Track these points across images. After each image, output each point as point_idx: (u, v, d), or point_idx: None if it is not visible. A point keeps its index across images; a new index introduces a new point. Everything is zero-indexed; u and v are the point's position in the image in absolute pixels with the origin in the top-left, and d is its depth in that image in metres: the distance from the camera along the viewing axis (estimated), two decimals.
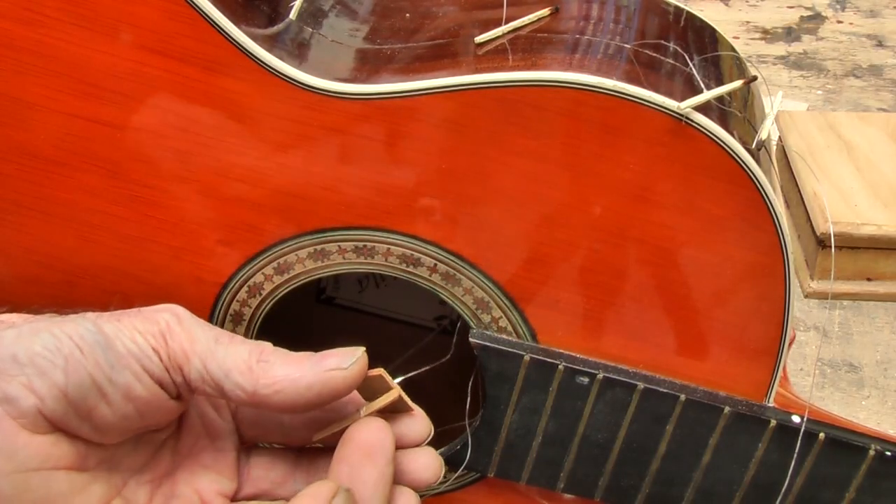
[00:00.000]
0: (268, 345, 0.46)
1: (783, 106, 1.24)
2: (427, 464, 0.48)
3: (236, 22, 0.48)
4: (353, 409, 0.47)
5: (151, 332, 0.44)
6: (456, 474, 0.58)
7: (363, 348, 0.45)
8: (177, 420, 0.48)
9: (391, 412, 0.46)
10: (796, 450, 0.54)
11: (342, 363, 0.45)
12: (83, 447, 0.44)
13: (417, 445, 0.48)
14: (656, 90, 0.48)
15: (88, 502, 0.44)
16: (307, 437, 0.49)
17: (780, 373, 0.54)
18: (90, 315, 0.44)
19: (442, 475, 0.48)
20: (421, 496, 0.58)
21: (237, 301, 0.54)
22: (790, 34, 1.40)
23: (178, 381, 0.45)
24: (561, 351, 0.54)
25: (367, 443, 0.45)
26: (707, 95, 0.48)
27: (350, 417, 0.46)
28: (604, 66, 0.49)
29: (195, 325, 0.45)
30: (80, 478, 0.44)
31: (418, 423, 0.48)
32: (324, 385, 0.44)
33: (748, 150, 0.49)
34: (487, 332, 0.54)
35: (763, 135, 0.51)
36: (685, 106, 0.47)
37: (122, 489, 0.46)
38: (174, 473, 0.48)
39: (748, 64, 0.57)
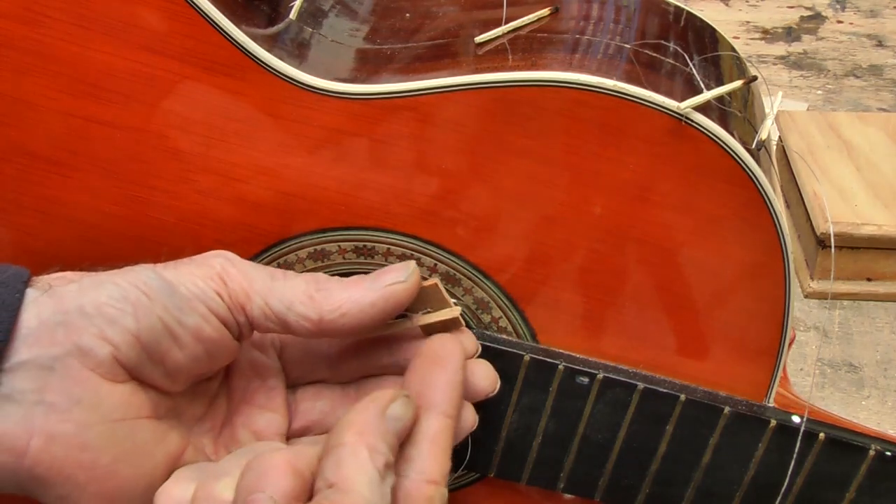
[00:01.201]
0: (321, 275, 0.47)
1: (783, 106, 1.24)
2: (485, 373, 0.50)
3: (236, 22, 0.48)
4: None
5: (210, 276, 0.45)
6: (456, 474, 0.58)
7: (413, 262, 0.48)
8: (225, 369, 0.49)
9: (442, 329, 0.49)
10: (796, 450, 0.54)
11: (399, 277, 0.46)
12: (155, 396, 0.45)
13: (472, 358, 0.50)
14: (656, 90, 0.48)
15: (168, 451, 0.45)
16: (355, 370, 0.50)
17: (780, 373, 0.54)
18: (148, 265, 0.45)
19: (499, 386, 0.51)
20: None
21: None
22: (790, 34, 1.40)
23: (241, 321, 0.46)
24: (561, 351, 0.54)
25: (436, 353, 0.47)
26: (707, 95, 0.48)
27: (405, 323, 0.49)
28: (604, 66, 0.49)
29: (248, 266, 0.47)
30: (160, 426, 0.45)
31: (469, 337, 0.50)
32: (386, 300, 0.46)
33: (748, 150, 0.49)
34: (487, 332, 0.54)
35: (763, 135, 0.50)
36: (685, 106, 0.47)
37: (190, 439, 0.47)
38: (232, 420, 0.49)
39: (748, 64, 0.57)
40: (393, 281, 0.46)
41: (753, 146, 0.50)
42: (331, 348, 0.51)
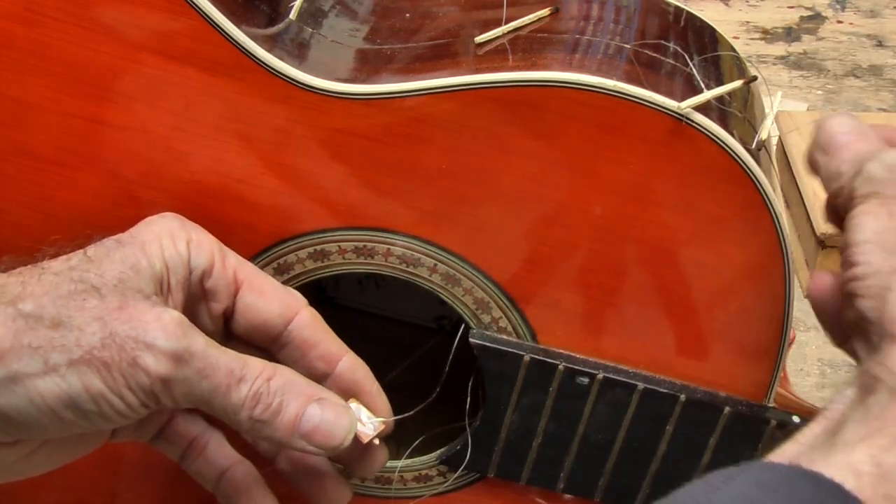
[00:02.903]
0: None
1: (783, 106, 1.24)
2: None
3: (236, 22, 0.48)
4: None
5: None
6: (456, 474, 0.58)
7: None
8: None
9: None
10: None
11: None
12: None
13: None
14: (656, 90, 0.48)
15: None
16: None
17: (780, 373, 0.54)
18: None
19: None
20: (421, 496, 0.59)
21: None
22: (790, 34, 1.40)
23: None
24: (561, 351, 0.54)
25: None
26: (707, 95, 0.48)
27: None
28: (604, 67, 0.49)
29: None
30: None
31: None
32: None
33: (748, 150, 0.49)
34: (487, 333, 0.54)
35: (763, 135, 0.50)
36: (685, 106, 0.47)
37: None
38: None
39: (748, 64, 0.57)
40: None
41: (753, 146, 0.50)
42: None
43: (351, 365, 0.50)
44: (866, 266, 0.39)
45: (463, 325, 0.55)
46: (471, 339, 0.54)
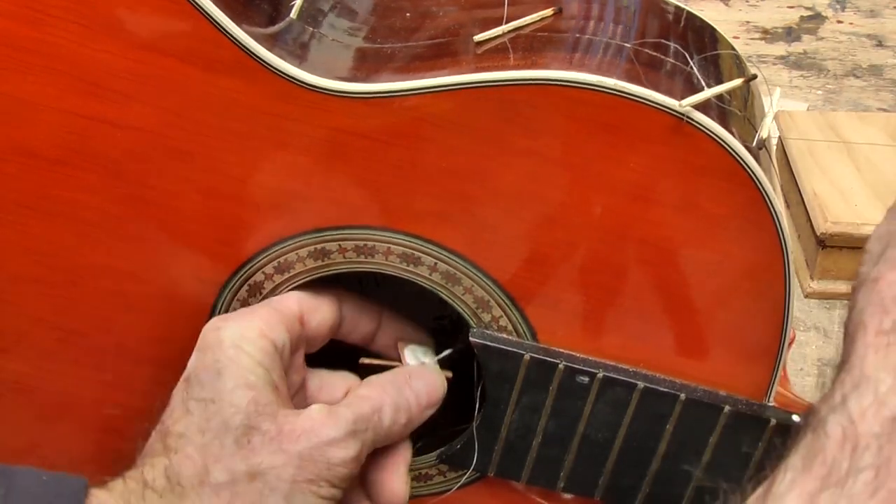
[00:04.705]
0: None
1: (783, 106, 1.24)
2: None
3: (237, 21, 0.48)
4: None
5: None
6: (456, 474, 0.58)
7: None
8: None
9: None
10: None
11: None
12: None
13: None
14: (656, 89, 0.48)
15: None
16: None
17: (780, 372, 0.54)
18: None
19: None
20: (421, 497, 0.59)
21: (238, 300, 0.54)
22: (790, 34, 1.39)
23: None
24: (561, 350, 0.54)
25: None
26: (707, 94, 0.48)
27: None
28: (604, 66, 0.49)
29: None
30: None
31: None
32: None
33: (748, 148, 0.49)
34: (488, 332, 0.54)
35: (763, 133, 0.50)
36: (685, 104, 0.47)
37: None
38: None
39: (748, 63, 0.57)
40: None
41: (754, 145, 0.50)
42: None
43: (391, 314, 0.57)
44: None
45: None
46: (471, 338, 0.54)
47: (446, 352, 0.56)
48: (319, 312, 0.53)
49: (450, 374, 0.55)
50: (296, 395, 0.53)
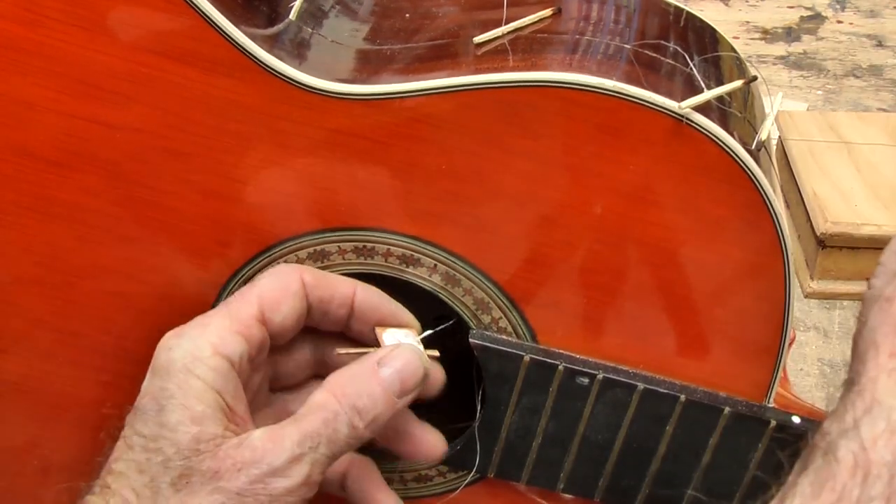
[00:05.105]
0: None
1: (783, 106, 1.24)
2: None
3: (236, 22, 0.48)
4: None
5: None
6: (456, 475, 0.58)
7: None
8: None
9: None
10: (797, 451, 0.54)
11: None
12: None
13: None
14: (656, 91, 0.48)
15: None
16: None
17: (781, 373, 0.54)
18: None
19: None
20: (421, 498, 0.59)
21: None
22: (790, 34, 1.40)
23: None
24: (561, 351, 0.54)
25: None
26: (707, 95, 0.48)
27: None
28: (604, 67, 0.49)
29: None
30: None
31: None
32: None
33: (748, 150, 0.49)
34: (487, 333, 0.54)
35: (763, 135, 0.50)
36: (685, 106, 0.47)
37: None
38: None
39: (748, 64, 0.57)
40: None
41: (753, 147, 0.50)
42: None
43: (364, 295, 0.52)
44: None
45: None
46: (471, 340, 0.54)
47: (427, 332, 0.53)
48: (283, 306, 0.50)
49: (436, 353, 0.52)
50: (257, 395, 0.51)
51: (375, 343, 0.52)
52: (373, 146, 0.50)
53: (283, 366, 0.53)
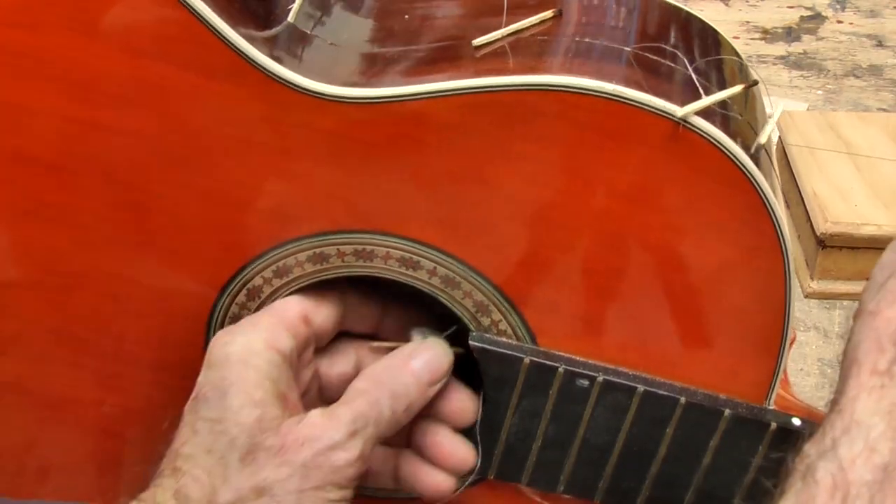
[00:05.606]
0: None
1: (783, 106, 1.24)
2: None
3: (234, 25, 0.47)
4: None
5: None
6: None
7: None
8: None
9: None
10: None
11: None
12: None
13: None
14: (656, 94, 0.47)
15: None
16: None
17: (781, 374, 0.54)
18: None
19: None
20: (421, 498, 0.59)
21: (236, 304, 0.54)
22: (790, 34, 1.40)
23: None
24: (561, 354, 0.54)
25: None
26: (708, 101, 0.48)
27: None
28: (604, 70, 0.49)
29: None
30: None
31: None
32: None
33: (748, 153, 0.48)
34: (487, 335, 0.54)
35: (763, 139, 0.50)
36: (686, 110, 0.47)
37: None
38: None
39: (748, 64, 0.57)
40: None
41: (753, 150, 0.49)
42: None
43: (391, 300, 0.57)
44: None
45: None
46: (471, 342, 0.54)
47: (452, 328, 0.55)
48: (323, 308, 0.54)
49: (460, 350, 0.55)
50: (307, 393, 0.54)
51: (406, 340, 0.55)
52: (372, 149, 0.50)
53: (327, 378, 0.56)
